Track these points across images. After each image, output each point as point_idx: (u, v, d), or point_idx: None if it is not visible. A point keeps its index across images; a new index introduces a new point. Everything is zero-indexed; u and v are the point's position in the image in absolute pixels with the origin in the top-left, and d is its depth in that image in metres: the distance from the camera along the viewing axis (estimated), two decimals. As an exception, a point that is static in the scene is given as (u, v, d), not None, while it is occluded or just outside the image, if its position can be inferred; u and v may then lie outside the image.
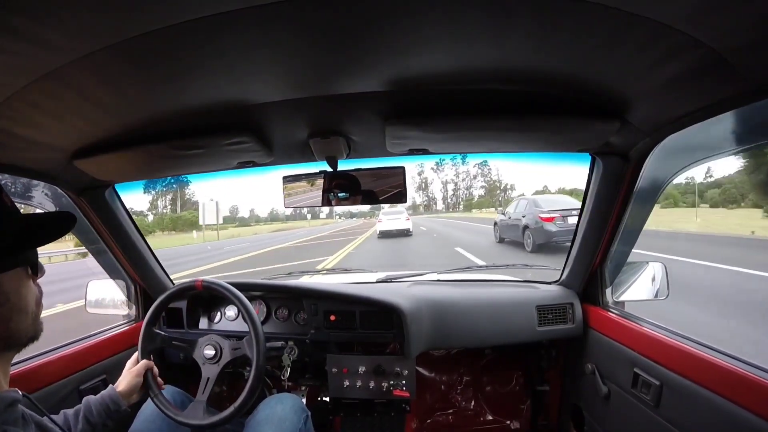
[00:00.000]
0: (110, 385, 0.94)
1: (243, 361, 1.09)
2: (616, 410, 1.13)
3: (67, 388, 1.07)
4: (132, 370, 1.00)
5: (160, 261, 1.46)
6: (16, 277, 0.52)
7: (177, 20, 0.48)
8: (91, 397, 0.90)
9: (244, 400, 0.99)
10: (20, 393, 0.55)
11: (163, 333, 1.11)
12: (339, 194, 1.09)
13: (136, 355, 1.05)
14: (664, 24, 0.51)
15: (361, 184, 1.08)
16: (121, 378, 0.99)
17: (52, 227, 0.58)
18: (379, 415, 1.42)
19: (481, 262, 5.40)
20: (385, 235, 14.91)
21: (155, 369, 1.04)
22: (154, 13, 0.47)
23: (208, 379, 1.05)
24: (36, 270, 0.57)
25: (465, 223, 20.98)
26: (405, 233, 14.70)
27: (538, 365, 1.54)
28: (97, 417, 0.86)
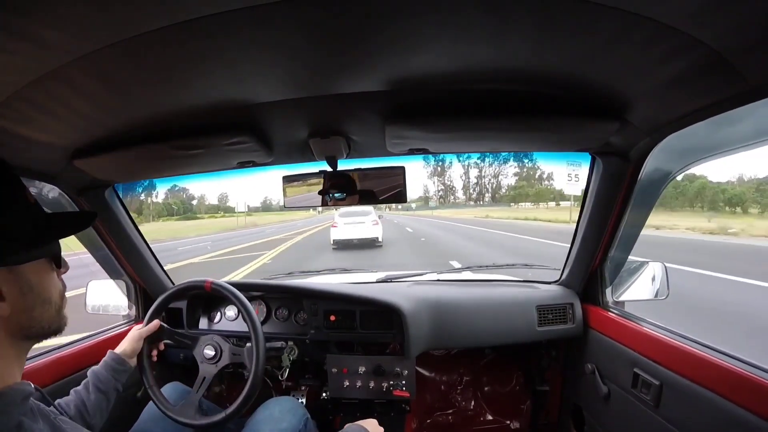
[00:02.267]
0: (109, 350, 0.97)
1: (241, 365, 1.09)
2: (616, 410, 1.13)
3: (67, 388, 1.07)
4: (133, 334, 1.03)
5: (160, 261, 1.46)
6: (39, 269, 0.55)
7: (177, 20, 0.48)
8: (95, 366, 0.92)
9: (238, 407, 0.99)
10: (32, 386, 0.57)
11: (165, 326, 1.12)
12: (339, 194, 1.09)
13: (138, 326, 1.08)
14: (664, 24, 0.51)
15: (361, 183, 1.08)
16: (122, 342, 1.01)
17: (72, 221, 0.61)
18: (379, 415, 1.42)
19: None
20: (342, 245, 10.68)
21: (153, 358, 1.07)
22: (154, 13, 0.47)
23: (204, 378, 1.06)
24: (59, 263, 0.59)
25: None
26: (371, 243, 10.64)
27: (538, 365, 1.54)
28: (106, 383, 0.89)
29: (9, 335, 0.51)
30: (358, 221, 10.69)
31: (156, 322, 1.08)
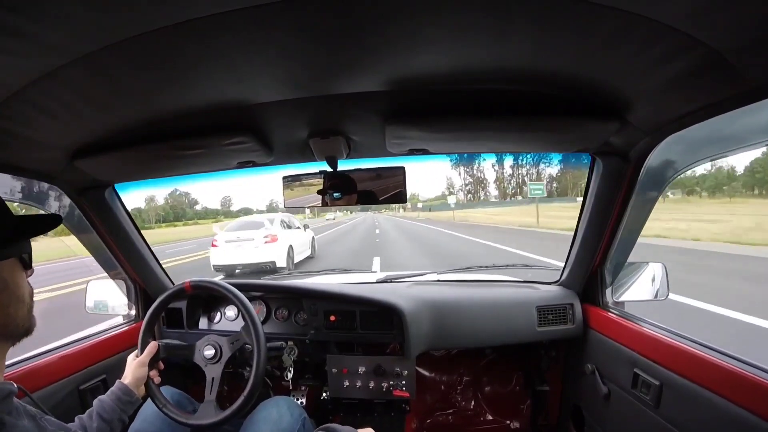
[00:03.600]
0: (117, 380, 0.95)
1: (243, 359, 1.09)
2: (616, 410, 1.13)
3: (67, 388, 1.07)
4: (136, 361, 1.01)
5: (160, 261, 1.46)
6: (12, 267, 0.56)
7: (177, 20, 0.48)
8: (102, 396, 0.91)
9: (251, 390, 0.99)
10: (15, 386, 0.58)
11: (163, 343, 1.09)
12: (338, 194, 1.09)
13: (135, 353, 1.05)
14: (664, 24, 0.51)
15: (361, 184, 1.08)
16: (125, 372, 0.99)
17: (40, 223, 0.63)
18: (379, 415, 1.42)
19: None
20: (229, 271, 7.07)
21: (156, 380, 1.04)
22: (154, 13, 0.47)
23: (213, 378, 1.05)
24: (29, 264, 0.61)
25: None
26: (266, 268, 6.88)
27: (538, 365, 1.54)
28: (111, 413, 0.87)
29: None
30: (245, 238, 7.04)
31: (153, 344, 1.05)
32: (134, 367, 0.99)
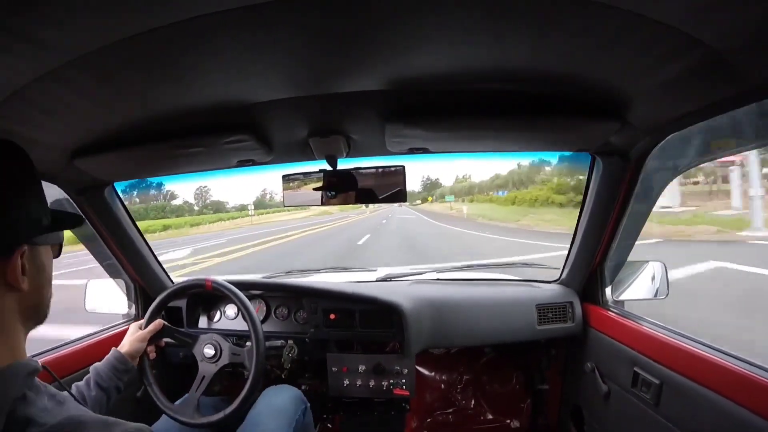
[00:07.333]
0: (113, 348, 0.97)
1: (241, 365, 1.10)
2: (615, 409, 1.13)
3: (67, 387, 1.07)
4: (136, 335, 1.03)
5: (160, 260, 1.46)
6: (49, 252, 0.59)
7: (176, 18, 0.48)
8: (98, 363, 0.93)
9: (237, 408, 0.99)
10: (39, 363, 0.59)
11: (167, 324, 1.12)
12: (338, 193, 1.09)
13: (140, 323, 1.08)
14: (664, 24, 0.51)
15: (361, 183, 1.08)
16: (124, 341, 1.01)
17: (67, 219, 0.65)
18: (379, 414, 1.42)
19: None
20: None
21: (152, 355, 1.07)
22: (154, 12, 0.47)
23: (204, 377, 1.06)
24: (59, 253, 0.63)
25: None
26: None
27: (537, 364, 1.54)
28: (107, 380, 0.89)
29: (20, 313, 0.54)
30: None
31: (158, 321, 1.07)
32: (133, 339, 1.01)
